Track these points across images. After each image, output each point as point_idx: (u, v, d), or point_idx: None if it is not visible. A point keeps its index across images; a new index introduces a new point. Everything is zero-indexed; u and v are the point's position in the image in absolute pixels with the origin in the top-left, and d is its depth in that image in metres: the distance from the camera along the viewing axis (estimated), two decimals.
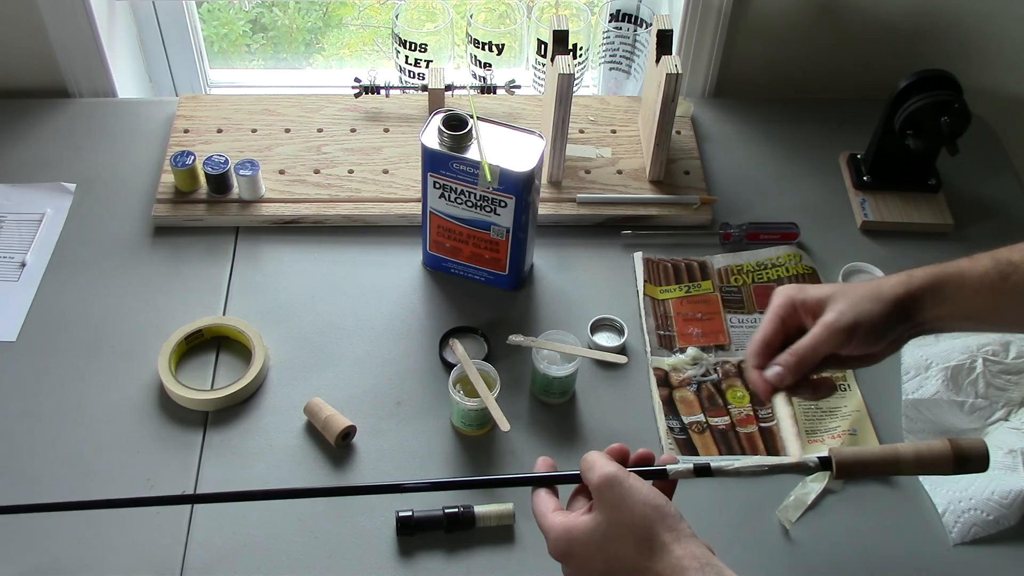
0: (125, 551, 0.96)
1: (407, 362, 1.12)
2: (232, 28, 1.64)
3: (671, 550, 0.72)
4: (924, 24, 1.41)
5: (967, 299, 0.83)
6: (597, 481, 0.75)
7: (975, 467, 0.80)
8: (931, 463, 0.80)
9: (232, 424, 1.06)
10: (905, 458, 0.81)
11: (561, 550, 0.76)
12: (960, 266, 0.84)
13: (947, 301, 0.83)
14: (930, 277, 0.84)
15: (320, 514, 0.99)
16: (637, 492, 0.74)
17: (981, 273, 0.83)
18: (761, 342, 0.86)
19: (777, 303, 0.87)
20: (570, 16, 1.31)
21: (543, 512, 0.79)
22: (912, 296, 0.84)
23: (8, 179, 1.28)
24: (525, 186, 1.07)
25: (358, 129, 1.35)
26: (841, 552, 0.99)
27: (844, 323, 0.83)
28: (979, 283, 0.83)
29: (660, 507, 0.73)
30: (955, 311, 0.84)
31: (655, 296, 1.19)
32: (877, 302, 0.83)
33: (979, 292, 0.83)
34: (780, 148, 1.39)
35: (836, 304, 0.84)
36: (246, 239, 1.24)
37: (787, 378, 0.84)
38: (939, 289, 0.84)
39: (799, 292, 0.86)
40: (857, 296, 0.84)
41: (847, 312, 0.83)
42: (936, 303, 0.84)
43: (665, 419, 1.08)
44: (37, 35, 1.34)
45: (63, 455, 1.03)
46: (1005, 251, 0.84)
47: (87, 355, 1.11)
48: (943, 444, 0.80)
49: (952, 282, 0.84)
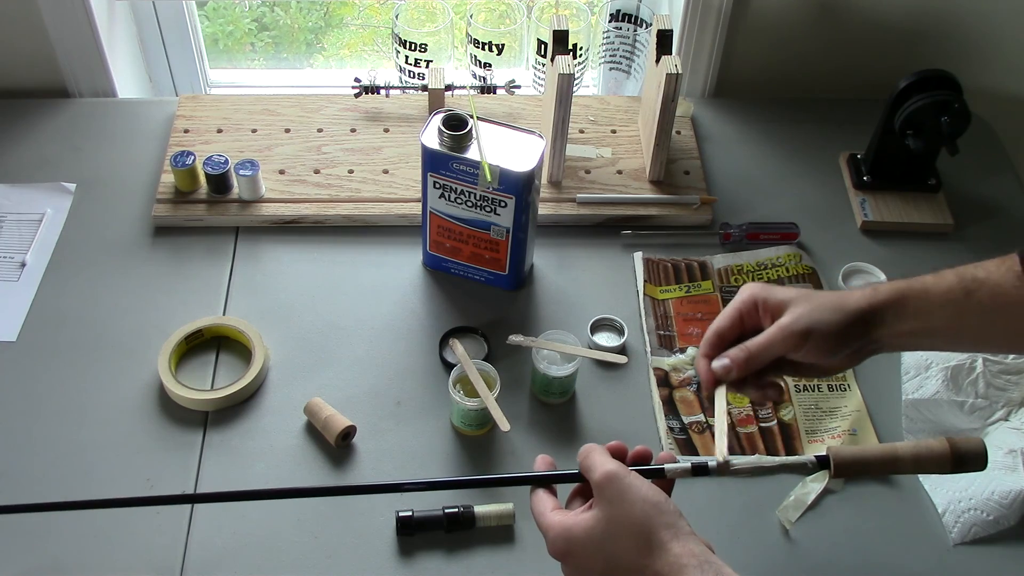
0: (125, 551, 0.96)
1: (407, 362, 1.12)
2: (238, 26, 1.64)
3: (670, 548, 0.72)
4: (924, 24, 1.41)
5: (930, 315, 0.83)
6: (598, 478, 0.76)
7: (973, 466, 0.80)
8: (929, 462, 0.80)
9: (232, 424, 1.06)
10: (903, 457, 0.81)
11: (560, 549, 0.76)
12: (925, 282, 0.84)
13: (909, 317, 0.83)
14: (894, 292, 0.84)
15: (320, 514, 0.99)
16: (637, 489, 0.74)
17: (945, 289, 0.83)
18: (715, 333, 0.86)
19: (740, 298, 0.87)
20: (570, 16, 1.31)
21: (541, 511, 0.79)
22: (874, 310, 0.83)
23: (8, 179, 1.29)
24: (525, 186, 1.07)
25: (358, 129, 1.35)
26: (841, 552, 0.99)
27: (799, 327, 0.82)
28: (943, 299, 0.82)
29: (659, 504, 0.73)
30: (917, 327, 0.83)
31: (655, 296, 1.19)
32: (837, 312, 0.83)
33: (943, 308, 0.82)
34: (780, 148, 1.39)
35: (795, 308, 0.84)
36: (246, 239, 1.24)
37: (733, 372, 0.84)
38: (902, 304, 0.83)
39: (764, 291, 0.86)
40: (818, 303, 0.84)
41: (803, 317, 0.83)
42: (898, 319, 0.83)
43: (665, 419, 1.08)
44: (37, 35, 1.34)
45: (63, 455, 1.03)
46: (971, 268, 0.83)
47: (87, 355, 1.11)
48: (941, 443, 0.80)
49: (916, 298, 0.83)
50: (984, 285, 0.82)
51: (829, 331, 0.82)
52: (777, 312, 0.85)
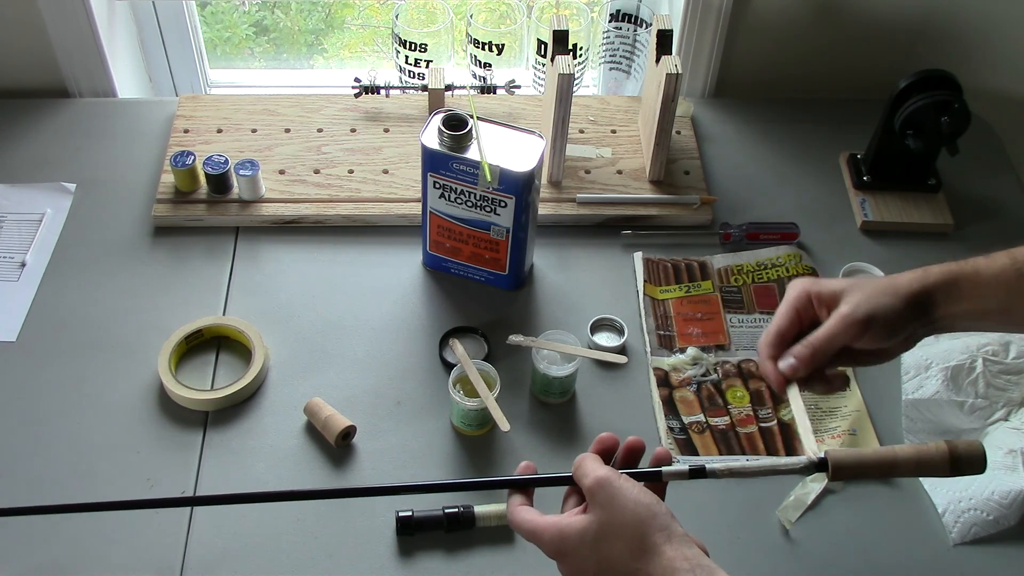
0: (125, 551, 0.96)
1: (407, 362, 1.12)
2: (235, 31, 1.64)
3: (662, 551, 0.72)
4: (924, 24, 1.41)
5: (982, 297, 0.83)
6: (589, 483, 0.76)
7: (972, 469, 0.80)
8: (928, 465, 0.80)
9: (232, 424, 1.06)
10: (901, 460, 0.80)
11: (555, 549, 0.77)
12: (976, 264, 0.84)
13: (962, 299, 0.83)
14: (945, 274, 0.84)
15: (320, 514, 0.99)
16: (628, 492, 0.74)
17: (997, 271, 0.83)
18: (775, 333, 0.86)
19: (792, 295, 0.87)
20: (570, 16, 1.31)
21: (529, 520, 0.78)
22: (927, 292, 0.84)
23: (8, 179, 1.29)
24: (525, 186, 1.07)
25: (358, 129, 1.35)
26: (841, 552, 0.99)
27: (860, 315, 0.83)
28: (995, 281, 0.83)
29: (651, 507, 0.73)
30: (970, 309, 0.83)
31: (655, 296, 1.19)
32: (893, 296, 0.83)
33: (994, 290, 0.83)
34: (780, 148, 1.39)
35: (851, 297, 0.84)
36: (246, 239, 1.24)
37: (801, 370, 0.84)
38: (954, 286, 0.83)
39: (814, 285, 0.86)
40: (873, 290, 0.84)
41: (863, 304, 0.83)
42: (950, 300, 0.83)
43: (665, 419, 1.08)
44: (37, 35, 1.34)
45: (63, 455, 1.03)
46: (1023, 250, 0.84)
47: (87, 355, 1.11)
48: (940, 446, 0.80)
49: (967, 279, 0.83)
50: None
51: (888, 315, 0.83)
52: (832, 303, 0.85)
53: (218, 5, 1.61)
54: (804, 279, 0.88)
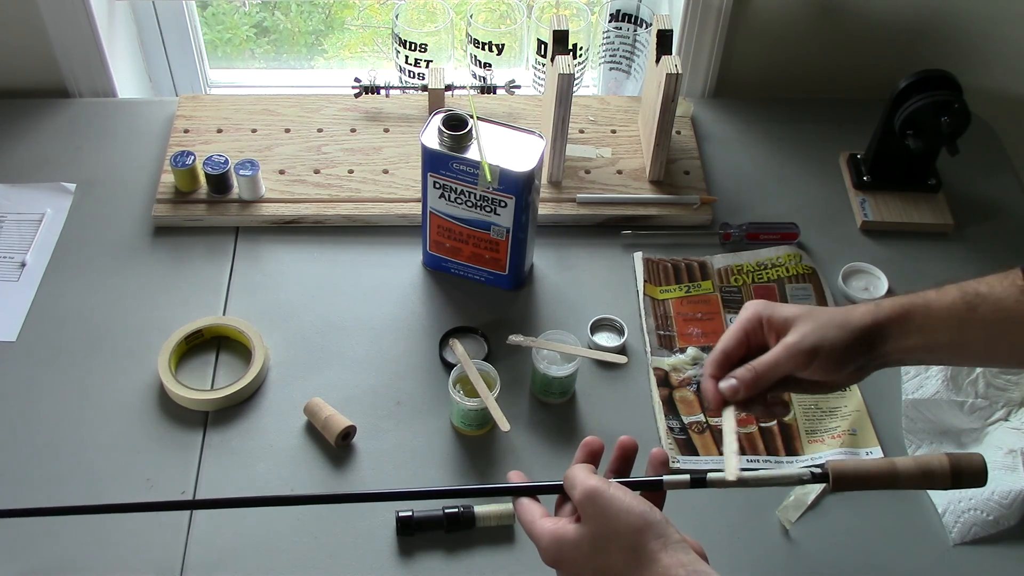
0: (125, 551, 0.96)
1: (407, 362, 1.12)
2: (236, 33, 1.64)
3: (659, 559, 0.71)
4: (924, 24, 1.41)
5: (933, 330, 0.83)
6: (579, 496, 0.75)
7: (973, 483, 0.80)
8: (929, 479, 0.80)
9: (232, 424, 1.06)
10: (902, 473, 0.80)
11: (552, 557, 0.76)
12: (927, 297, 0.84)
13: (913, 332, 0.83)
14: (897, 308, 0.83)
15: (320, 515, 0.99)
16: (620, 502, 0.73)
17: (948, 304, 0.83)
18: (721, 352, 0.86)
19: (744, 317, 0.86)
20: (570, 16, 1.31)
21: (531, 519, 0.78)
22: (879, 326, 0.83)
23: (8, 179, 1.29)
24: (525, 186, 1.07)
25: (358, 129, 1.35)
26: (841, 552, 0.99)
27: (806, 346, 0.82)
28: (946, 314, 0.82)
29: (644, 515, 0.73)
30: (921, 343, 0.83)
31: (655, 296, 1.19)
32: (842, 329, 0.83)
33: (946, 323, 0.82)
34: (780, 148, 1.39)
35: (801, 326, 0.83)
36: (246, 239, 1.24)
37: (741, 392, 0.83)
38: (906, 320, 0.83)
39: (767, 309, 0.86)
40: (823, 320, 0.83)
41: (810, 335, 0.82)
42: (902, 334, 0.83)
43: (665, 419, 1.08)
44: (37, 35, 1.34)
45: (63, 455, 1.03)
46: (973, 283, 0.83)
47: (87, 355, 1.11)
48: (941, 459, 0.80)
49: (919, 313, 0.83)
50: (987, 300, 0.82)
51: (835, 348, 0.82)
52: (782, 330, 0.84)
53: (219, 7, 1.61)
54: (758, 302, 0.87)
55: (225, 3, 1.61)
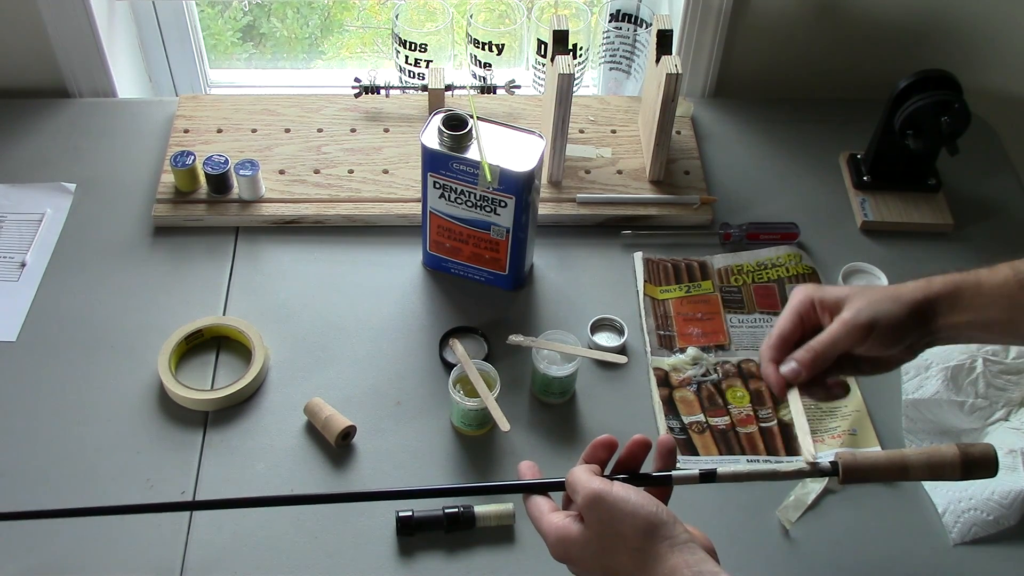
0: (125, 551, 0.96)
1: (407, 362, 1.12)
2: (221, 39, 1.63)
3: (666, 559, 0.71)
4: (924, 24, 1.41)
5: (984, 307, 0.83)
6: (582, 502, 0.75)
7: (983, 473, 0.80)
8: (939, 470, 0.80)
9: (232, 424, 1.06)
10: (913, 464, 0.80)
11: (560, 554, 0.77)
12: (979, 275, 0.84)
13: (965, 309, 0.83)
14: (948, 284, 0.84)
15: (320, 514, 0.99)
16: (625, 504, 0.73)
17: (1000, 282, 0.83)
18: (778, 337, 0.86)
19: (796, 300, 0.87)
20: (570, 16, 1.31)
21: (539, 515, 0.79)
22: (930, 301, 0.84)
23: (8, 179, 1.28)
24: (525, 186, 1.07)
25: (358, 129, 1.35)
26: (841, 552, 0.99)
27: (862, 320, 0.83)
28: (997, 292, 0.83)
29: (651, 515, 0.72)
30: (971, 319, 0.84)
31: (655, 296, 1.19)
32: (896, 303, 0.83)
33: (997, 301, 0.83)
34: (780, 148, 1.39)
35: (855, 303, 0.84)
36: (246, 239, 1.24)
37: (802, 374, 0.84)
38: (957, 296, 0.84)
39: (818, 291, 0.87)
40: (877, 296, 0.84)
41: (865, 310, 0.83)
42: (953, 311, 0.84)
43: (665, 419, 1.08)
44: (37, 35, 1.34)
45: (63, 455, 1.03)
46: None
47: (87, 355, 1.11)
48: (951, 450, 0.80)
49: (969, 289, 0.84)
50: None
51: (891, 321, 0.83)
52: (835, 309, 0.85)
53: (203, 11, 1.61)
54: (808, 285, 0.88)
55: (209, 8, 1.60)
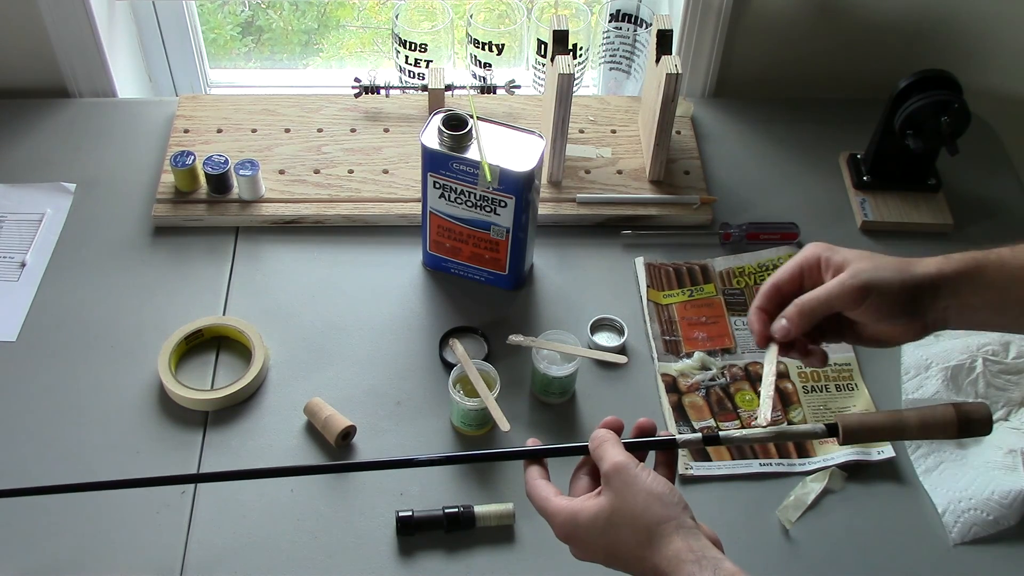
0: (125, 551, 0.96)
1: (407, 362, 1.12)
2: (220, 33, 1.63)
3: (670, 541, 0.72)
4: (924, 24, 1.41)
5: (1007, 288, 0.80)
6: (607, 468, 0.76)
7: (979, 430, 0.80)
8: (935, 427, 0.80)
9: (232, 424, 1.06)
10: (909, 423, 0.81)
11: (566, 532, 0.78)
12: (1001, 254, 0.82)
13: (984, 288, 0.80)
14: (969, 261, 0.81)
15: (320, 514, 0.99)
16: (643, 482, 0.75)
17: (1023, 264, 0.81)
18: (772, 285, 0.85)
19: (803, 254, 0.85)
20: (570, 16, 1.31)
21: (545, 497, 0.79)
22: (945, 278, 0.81)
23: (8, 179, 1.28)
24: (525, 186, 1.07)
25: (358, 129, 1.35)
26: (841, 552, 0.99)
27: (857, 282, 0.80)
28: (1020, 273, 0.80)
29: (663, 497, 0.74)
30: (990, 299, 0.81)
31: (658, 301, 1.19)
32: (900, 273, 0.81)
33: (1020, 281, 0.80)
34: (780, 148, 1.39)
35: (858, 264, 0.82)
36: (246, 239, 1.24)
37: (792, 331, 0.82)
38: (978, 274, 0.81)
39: (828, 250, 0.85)
40: (882, 263, 0.82)
41: (863, 272, 0.81)
42: (972, 290, 0.81)
43: (676, 425, 1.07)
44: (37, 35, 1.34)
45: (63, 455, 1.03)
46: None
47: (87, 355, 1.11)
48: (946, 408, 0.80)
49: (992, 268, 0.81)
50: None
51: (890, 290, 0.80)
52: (839, 270, 0.83)
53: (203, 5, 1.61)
54: (820, 243, 0.85)
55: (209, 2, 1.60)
